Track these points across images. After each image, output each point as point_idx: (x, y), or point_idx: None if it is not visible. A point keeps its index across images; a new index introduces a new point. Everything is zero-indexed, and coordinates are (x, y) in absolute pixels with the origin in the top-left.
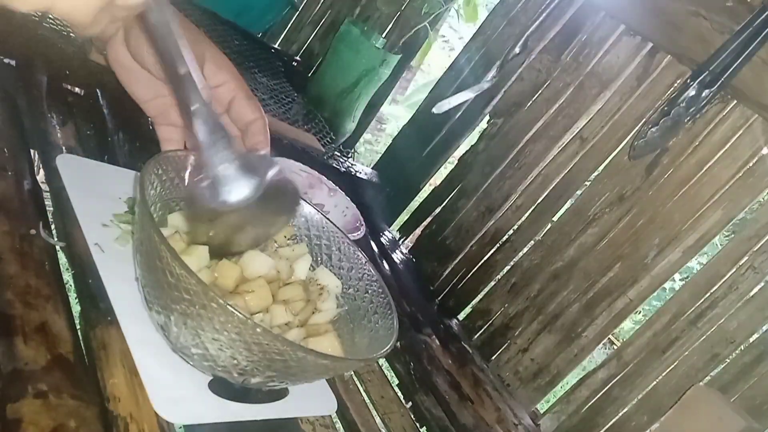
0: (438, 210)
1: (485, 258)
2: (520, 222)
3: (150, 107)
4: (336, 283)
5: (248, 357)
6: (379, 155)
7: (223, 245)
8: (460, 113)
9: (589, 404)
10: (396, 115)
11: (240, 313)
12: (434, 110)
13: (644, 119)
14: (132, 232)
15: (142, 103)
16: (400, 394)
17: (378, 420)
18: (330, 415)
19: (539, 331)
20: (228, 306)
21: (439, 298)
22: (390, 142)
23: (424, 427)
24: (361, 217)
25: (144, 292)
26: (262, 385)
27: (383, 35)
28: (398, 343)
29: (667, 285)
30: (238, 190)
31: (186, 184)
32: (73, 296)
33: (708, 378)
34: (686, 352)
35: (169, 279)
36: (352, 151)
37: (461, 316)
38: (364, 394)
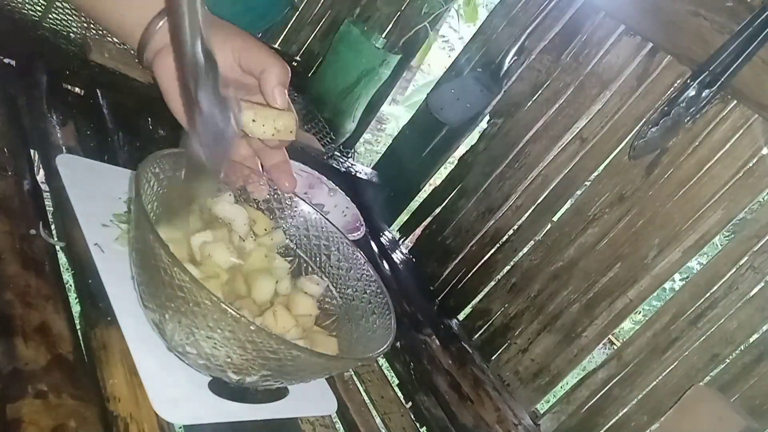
0: (438, 210)
1: (485, 258)
2: (520, 222)
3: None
4: (317, 291)
5: (242, 355)
6: (379, 155)
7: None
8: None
9: (589, 404)
10: (396, 115)
11: (233, 310)
12: (443, 119)
13: (644, 119)
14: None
15: (184, 120)
16: (400, 394)
17: (378, 420)
18: (330, 415)
19: (539, 331)
20: (221, 303)
21: (439, 298)
22: (390, 142)
23: (424, 427)
24: (361, 217)
25: (139, 290)
26: (258, 384)
27: (383, 35)
28: (398, 343)
29: (667, 285)
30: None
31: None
32: (73, 296)
33: (708, 378)
34: (686, 352)
35: (163, 276)
36: (352, 151)
37: (461, 316)
38: (364, 394)
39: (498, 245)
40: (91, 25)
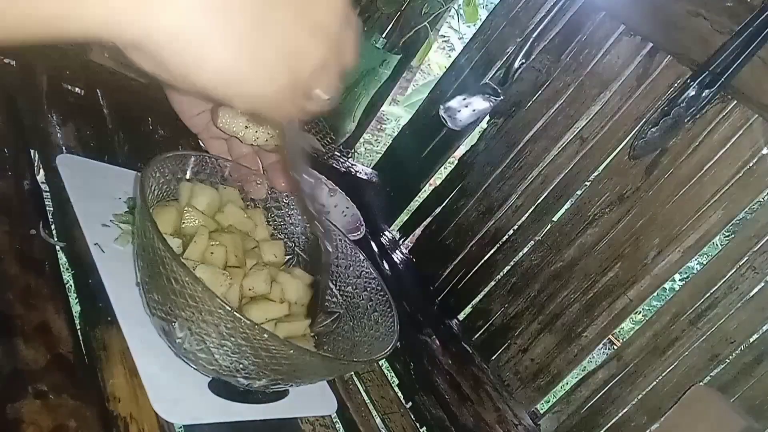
0: (438, 210)
1: (485, 258)
2: (520, 222)
3: (195, 123)
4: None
5: (255, 361)
6: (379, 155)
7: None
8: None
9: (589, 404)
10: (396, 115)
11: (247, 319)
12: (452, 126)
13: (644, 119)
14: (132, 233)
15: (187, 119)
16: (400, 394)
17: (378, 420)
18: (330, 415)
19: (539, 331)
20: (235, 312)
21: (439, 298)
22: (390, 142)
23: (424, 427)
24: (361, 217)
25: (146, 297)
26: (266, 387)
27: (383, 35)
28: (398, 343)
29: (667, 285)
30: None
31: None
32: (73, 296)
33: (708, 378)
34: (686, 352)
35: (173, 286)
36: (352, 151)
37: (461, 316)
38: (364, 394)
39: (498, 245)
40: None
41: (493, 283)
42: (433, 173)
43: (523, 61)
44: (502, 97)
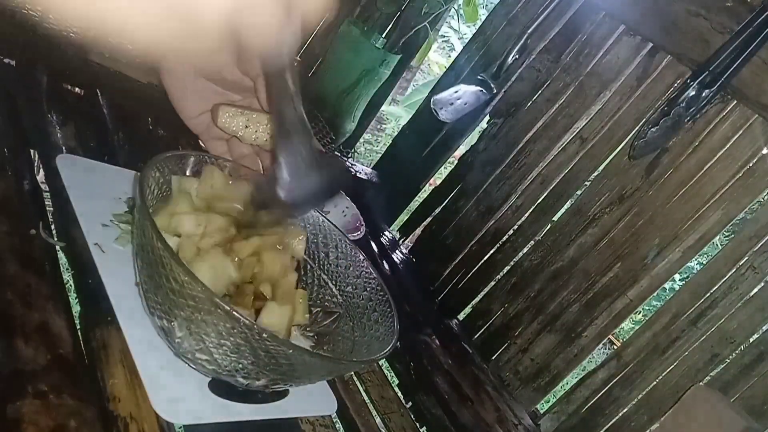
0: (438, 210)
1: (485, 258)
2: (520, 222)
3: (195, 124)
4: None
5: (254, 361)
6: (379, 155)
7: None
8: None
9: (589, 404)
10: (396, 115)
11: (246, 319)
12: (442, 118)
13: (644, 119)
14: (132, 233)
15: (187, 120)
16: (400, 394)
17: (378, 420)
18: (330, 415)
19: (539, 331)
20: (234, 312)
21: (439, 298)
22: (390, 142)
23: (424, 427)
24: (361, 217)
25: (146, 297)
26: (265, 387)
27: (383, 35)
28: (398, 343)
29: (667, 285)
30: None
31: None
32: (73, 296)
33: (708, 378)
34: (686, 352)
35: (172, 285)
36: (352, 151)
37: (461, 316)
38: (364, 394)
39: (498, 245)
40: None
41: (493, 283)
42: (433, 173)
43: (517, 56)
44: (495, 92)
